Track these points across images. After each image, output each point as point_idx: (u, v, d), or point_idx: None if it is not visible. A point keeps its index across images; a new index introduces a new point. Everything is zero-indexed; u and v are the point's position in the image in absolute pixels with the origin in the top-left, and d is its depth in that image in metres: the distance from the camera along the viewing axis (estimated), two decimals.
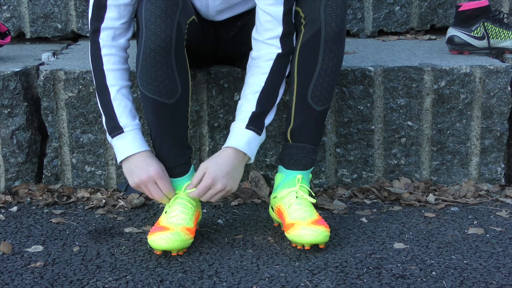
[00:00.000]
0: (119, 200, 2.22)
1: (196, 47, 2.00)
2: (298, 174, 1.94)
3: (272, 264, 1.78)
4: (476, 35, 2.43)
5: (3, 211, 2.17)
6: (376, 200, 2.23)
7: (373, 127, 2.29)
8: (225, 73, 2.24)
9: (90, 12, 1.91)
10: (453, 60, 2.35)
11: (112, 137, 1.90)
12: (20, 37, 2.93)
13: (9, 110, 2.26)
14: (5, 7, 2.86)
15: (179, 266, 1.77)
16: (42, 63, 2.41)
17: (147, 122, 1.91)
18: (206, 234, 1.97)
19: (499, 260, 1.80)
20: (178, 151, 1.92)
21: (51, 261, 1.81)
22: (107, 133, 1.92)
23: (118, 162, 1.91)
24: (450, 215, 2.11)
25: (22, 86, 2.27)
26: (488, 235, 1.96)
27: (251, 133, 1.89)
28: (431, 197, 2.21)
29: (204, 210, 2.14)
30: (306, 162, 1.95)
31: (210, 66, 2.25)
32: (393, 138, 2.30)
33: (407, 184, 2.28)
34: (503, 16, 2.45)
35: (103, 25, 1.90)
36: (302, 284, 1.67)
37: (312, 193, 1.96)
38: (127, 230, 2.00)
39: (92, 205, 2.18)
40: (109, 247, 1.89)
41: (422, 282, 1.68)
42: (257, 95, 1.90)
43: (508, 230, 1.99)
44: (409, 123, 2.29)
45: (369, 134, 2.29)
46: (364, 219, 2.08)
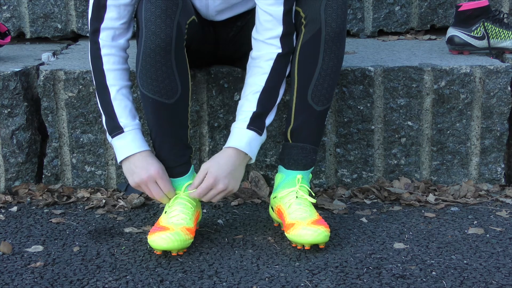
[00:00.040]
0: (119, 200, 2.22)
1: (196, 47, 2.00)
2: (298, 174, 1.94)
3: (272, 264, 1.78)
4: (476, 35, 2.43)
5: (3, 211, 2.17)
6: (376, 200, 2.23)
7: (373, 127, 2.28)
8: (225, 73, 2.24)
9: (90, 12, 1.91)
10: (453, 60, 2.35)
11: (112, 137, 1.90)
12: (20, 37, 2.93)
13: (9, 110, 2.26)
14: (5, 7, 2.86)
15: (179, 266, 1.77)
16: (42, 63, 2.41)
17: (147, 122, 1.91)
18: (206, 234, 1.97)
19: (499, 260, 1.80)
20: (178, 151, 1.92)
21: (51, 261, 1.81)
22: (107, 133, 1.92)
23: (118, 162, 1.91)
24: (450, 215, 2.11)
25: (22, 86, 2.27)
26: (488, 235, 1.96)
27: (252, 133, 1.88)
28: (431, 197, 2.21)
29: (204, 210, 2.14)
30: (306, 162, 1.95)
31: (210, 66, 2.25)
32: (393, 138, 2.30)
33: (407, 184, 2.28)
34: (503, 16, 2.45)
35: (103, 25, 1.90)
36: (302, 284, 1.67)
37: (312, 193, 1.95)
38: (127, 230, 2.00)
39: (92, 205, 2.18)
40: (109, 247, 1.89)
41: (422, 282, 1.68)
42: (258, 95, 1.90)
43: (508, 230, 1.99)
44: (409, 123, 2.28)
45: (369, 134, 2.29)
46: (364, 219, 2.07)
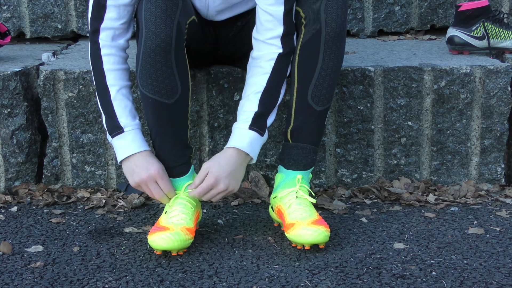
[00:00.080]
0: (119, 200, 2.22)
1: (196, 47, 2.00)
2: (298, 174, 1.94)
3: (272, 264, 1.78)
4: (476, 35, 2.43)
5: (3, 211, 2.17)
6: (376, 200, 2.23)
7: (373, 127, 2.28)
8: (225, 73, 2.24)
9: (90, 13, 1.91)
10: (453, 60, 2.35)
11: (112, 137, 1.90)
12: (20, 37, 2.93)
13: (9, 110, 2.26)
14: (5, 7, 2.86)
15: (179, 266, 1.77)
16: (42, 63, 2.41)
17: (147, 122, 1.91)
18: (206, 234, 1.97)
19: (499, 260, 1.80)
20: (178, 151, 1.91)
21: (51, 261, 1.81)
22: (107, 133, 1.92)
23: (118, 162, 1.91)
24: (450, 215, 2.11)
25: (22, 86, 2.27)
26: (488, 235, 1.96)
27: (254, 134, 1.88)
28: (431, 197, 2.21)
29: (204, 210, 2.14)
30: (306, 162, 1.95)
31: (210, 66, 2.25)
32: (393, 138, 2.30)
33: (407, 184, 2.28)
34: (503, 16, 2.45)
35: (103, 25, 1.90)
36: (302, 284, 1.67)
37: (312, 193, 1.95)
38: (127, 230, 2.00)
39: (92, 205, 2.18)
40: (109, 247, 1.89)
41: (422, 282, 1.68)
42: (259, 95, 1.89)
43: (508, 230, 1.99)
44: (409, 123, 2.28)
45: (369, 134, 2.29)
46: (364, 219, 2.07)
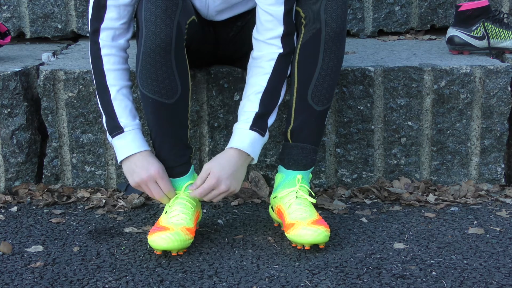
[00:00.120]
0: (119, 200, 2.22)
1: (196, 47, 2.00)
2: (298, 174, 1.94)
3: (272, 264, 1.78)
4: (476, 35, 2.43)
5: (3, 211, 2.17)
6: (376, 200, 2.23)
7: (373, 127, 2.28)
8: (225, 73, 2.24)
9: (90, 13, 1.91)
10: (453, 60, 2.35)
11: (113, 137, 1.90)
12: (20, 37, 2.93)
13: (9, 110, 2.26)
14: (5, 7, 2.86)
15: (179, 266, 1.77)
16: (42, 63, 2.41)
17: (147, 122, 1.91)
18: (206, 234, 1.97)
19: (499, 260, 1.80)
20: (178, 151, 1.91)
21: (51, 261, 1.81)
22: (107, 133, 1.92)
23: (119, 162, 1.91)
24: (450, 215, 2.11)
25: (22, 86, 2.27)
26: (488, 235, 1.96)
27: (255, 134, 1.88)
28: (431, 197, 2.21)
29: (204, 210, 2.14)
30: (306, 162, 1.95)
31: (210, 66, 2.25)
32: (393, 138, 2.30)
33: (407, 184, 2.28)
34: (503, 16, 2.45)
35: (103, 26, 1.90)
36: (302, 284, 1.67)
37: (312, 193, 1.95)
38: (127, 230, 2.00)
39: (92, 205, 2.18)
40: (109, 247, 1.89)
41: (422, 282, 1.68)
42: (260, 96, 1.89)
43: (508, 230, 1.99)
44: (409, 123, 2.28)
45: (369, 134, 2.29)
46: (364, 219, 2.07)
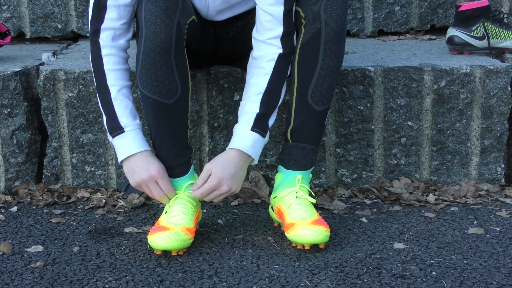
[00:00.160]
0: (119, 200, 2.22)
1: (196, 47, 2.00)
2: (298, 174, 1.94)
3: (272, 264, 1.78)
4: (476, 35, 2.43)
5: (3, 211, 2.17)
6: (376, 200, 2.23)
7: (373, 127, 2.28)
8: (225, 73, 2.24)
9: (90, 13, 1.91)
10: (453, 60, 2.35)
11: (113, 137, 1.90)
12: (20, 37, 2.93)
13: (9, 110, 2.26)
14: (5, 7, 2.86)
15: (179, 266, 1.77)
16: (42, 63, 2.41)
17: (147, 122, 1.91)
18: (206, 234, 1.97)
19: (499, 260, 1.80)
20: (178, 151, 1.91)
21: (51, 261, 1.81)
22: (108, 133, 1.92)
23: (119, 162, 1.91)
24: (450, 215, 2.11)
25: (22, 86, 2.27)
26: (488, 235, 1.96)
27: (256, 135, 1.88)
28: (431, 197, 2.21)
29: (204, 210, 2.14)
30: (306, 162, 1.95)
31: (210, 66, 2.25)
32: (393, 138, 2.30)
33: (407, 184, 2.28)
34: (503, 16, 2.45)
35: (103, 26, 1.90)
36: (302, 284, 1.67)
37: (312, 193, 1.95)
38: (127, 230, 2.00)
39: (92, 205, 2.18)
40: (109, 247, 1.89)
41: (422, 282, 1.68)
42: (261, 96, 1.89)
43: (508, 230, 1.99)
44: (409, 123, 2.28)
45: (369, 134, 2.29)
46: (364, 219, 2.07)
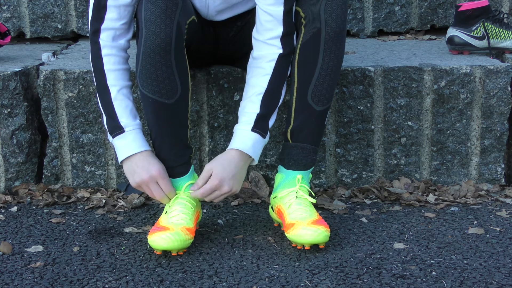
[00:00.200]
0: (119, 200, 2.22)
1: (196, 47, 2.00)
2: (298, 174, 1.94)
3: (272, 264, 1.78)
4: (476, 35, 2.43)
5: (3, 211, 2.17)
6: (376, 200, 2.23)
7: (373, 127, 2.28)
8: (225, 73, 2.24)
9: (90, 13, 1.91)
10: (453, 60, 2.35)
11: (113, 137, 1.90)
12: (20, 37, 2.93)
13: (9, 110, 2.26)
14: (5, 7, 2.86)
15: (179, 266, 1.77)
16: (42, 63, 2.41)
17: (147, 122, 1.91)
18: (206, 234, 1.97)
19: (499, 260, 1.80)
20: (178, 151, 1.91)
21: (51, 261, 1.81)
22: (108, 133, 1.92)
23: (119, 162, 1.91)
24: (450, 215, 2.11)
25: (22, 86, 2.27)
26: (488, 235, 1.96)
27: (257, 136, 1.88)
28: (431, 197, 2.21)
29: (204, 210, 2.14)
30: (306, 162, 1.95)
31: (210, 66, 2.25)
32: (393, 138, 2.30)
33: (407, 184, 2.28)
34: (503, 16, 2.45)
35: (103, 26, 1.90)
36: (302, 284, 1.67)
37: (312, 193, 1.95)
38: (127, 230, 2.00)
39: (92, 205, 2.18)
40: (109, 247, 1.89)
41: (422, 282, 1.68)
42: (261, 97, 1.89)
43: (508, 230, 1.99)
44: (409, 123, 2.28)
45: (369, 134, 2.29)
46: (364, 219, 2.07)
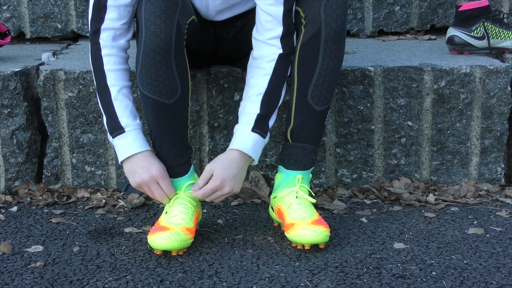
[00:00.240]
0: (119, 200, 2.22)
1: (196, 47, 2.00)
2: (298, 174, 1.94)
3: (272, 264, 1.78)
4: (476, 35, 2.43)
5: (3, 211, 2.17)
6: (376, 200, 2.23)
7: (373, 127, 2.28)
8: (225, 73, 2.24)
9: (90, 13, 1.91)
10: (453, 60, 2.35)
11: (113, 137, 1.90)
12: (20, 37, 2.93)
13: (9, 110, 2.26)
14: (5, 7, 2.86)
15: (179, 266, 1.77)
16: (42, 63, 2.41)
17: (147, 122, 1.91)
18: (206, 234, 1.97)
19: (499, 260, 1.80)
20: (178, 151, 1.91)
21: (51, 261, 1.81)
22: (108, 133, 1.92)
23: (119, 162, 1.91)
24: (450, 215, 2.11)
25: (22, 86, 2.27)
26: (488, 235, 1.96)
27: (257, 136, 1.88)
28: (431, 197, 2.21)
29: (204, 210, 2.14)
30: (306, 162, 1.95)
31: (210, 66, 2.25)
32: (393, 138, 2.30)
33: (407, 184, 2.28)
34: (503, 16, 2.45)
35: (103, 26, 1.90)
36: (302, 284, 1.67)
37: (312, 193, 1.96)
38: (127, 230, 2.00)
39: (92, 205, 2.18)
40: (109, 247, 1.89)
41: (422, 282, 1.68)
42: (261, 97, 1.89)
43: (508, 230, 1.99)
44: (409, 123, 2.28)
45: (369, 134, 2.29)
46: (364, 219, 2.07)
